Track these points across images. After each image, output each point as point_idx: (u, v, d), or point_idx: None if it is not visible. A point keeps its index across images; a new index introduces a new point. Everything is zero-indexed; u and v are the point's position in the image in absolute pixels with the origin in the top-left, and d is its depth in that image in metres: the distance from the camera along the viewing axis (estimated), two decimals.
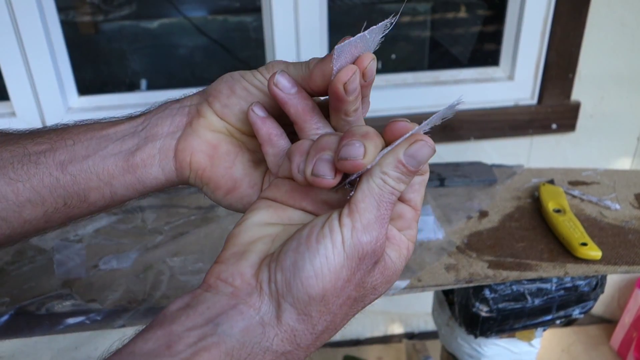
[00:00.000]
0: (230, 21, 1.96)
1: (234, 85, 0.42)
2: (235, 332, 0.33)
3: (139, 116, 0.44)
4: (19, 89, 1.23)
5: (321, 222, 0.34)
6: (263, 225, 0.38)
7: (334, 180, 0.34)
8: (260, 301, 0.34)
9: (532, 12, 1.32)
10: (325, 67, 0.38)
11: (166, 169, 0.43)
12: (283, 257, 0.34)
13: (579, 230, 0.89)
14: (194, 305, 0.34)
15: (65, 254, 0.91)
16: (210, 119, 0.43)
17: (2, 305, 0.81)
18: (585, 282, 0.86)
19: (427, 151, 0.34)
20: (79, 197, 0.43)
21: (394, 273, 0.37)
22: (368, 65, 0.37)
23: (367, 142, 0.33)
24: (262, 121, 0.41)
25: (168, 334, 0.32)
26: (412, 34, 1.88)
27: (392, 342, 1.73)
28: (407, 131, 0.35)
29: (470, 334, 0.92)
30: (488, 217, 0.98)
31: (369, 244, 0.33)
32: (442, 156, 1.43)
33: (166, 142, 0.43)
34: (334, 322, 0.35)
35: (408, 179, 0.35)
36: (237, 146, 0.44)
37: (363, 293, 0.36)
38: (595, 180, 1.08)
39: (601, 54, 1.38)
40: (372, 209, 0.33)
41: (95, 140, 0.43)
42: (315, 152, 0.35)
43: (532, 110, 1.40)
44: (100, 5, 1.84)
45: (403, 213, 0.38)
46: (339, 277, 0.33)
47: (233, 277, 0.35)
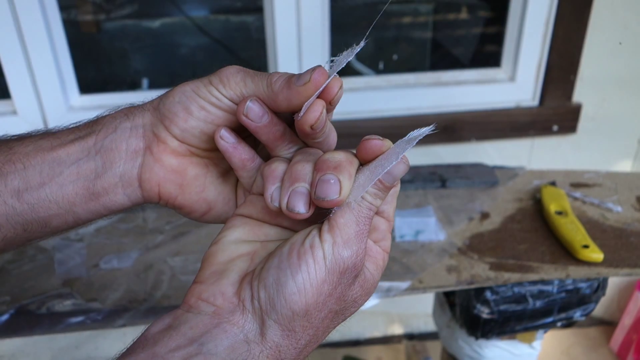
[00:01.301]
0: (232, 21, 1.96)
1: (189, 106, 0.39)
2: (220, 350, 0.33)
3: (89, 135, 0.41)
4: (20, 87, 1.23)
5: (301, 239, 0.34)
6: (240, 243, 0.38)
7: (307, 213, 0.35)
8: (244, 319, 0.34)
9: (534, 14, 1.32)
10: (292, 97, 0.37)
11: (132, 197, 0.42)
12: (265, 274, 0.34)
13: (580, 233, 0.89)
14: (176, 326, 0.34)
15: (66, 253, 0.91)
16: (172, 145, 0.41)
17: (3, 304, 0.81)
18: (587, 285, 0.86)
19: (402, 167, 0.35)
20: (40, 225, 0.41)
21: (372, 285, 0.38)
22: (336, 95, 0.37)
23: (341, 176, 0.34)
24: (233, 148, 0.40)
25: (151, 356, 0.32)
26: (413, 35, 1.88)
27: (391, 342, 1.73)
28: (381, 149, 0.35)
29: (471, 335, 0.92)
30: (489, 218, 0.98)
31: (349, 259, 0.34)
32: (444, 157, 1.43)
33: (126, 169, 0.41)
34: (316, 335, 0.35)
35: (384, 194, 0.35)
36: (204, 166, 0.43)
37: (344, 306, 0.36)
38: (597, 182, 1.08)
39: (603, 56, 1.38)
40: (351, 224, 0.34)
41: (47, 164, 0.40)
42: (290, 182, 0.35)
43: (534, 111, 1.40)
44: (102, 4, 1.84)
45: (378, 225, 0.39)
46: (321, 292, 0.33)
47: (214, 296, 0.35)
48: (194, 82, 0.40)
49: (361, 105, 1.34)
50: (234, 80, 0.39)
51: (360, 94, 1.34)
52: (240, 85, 0.39)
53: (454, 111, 1.38)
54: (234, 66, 0.40)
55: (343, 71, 0.39)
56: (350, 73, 1.55)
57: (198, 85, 0.39)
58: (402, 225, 0.94)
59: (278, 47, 1.27)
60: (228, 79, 0.39)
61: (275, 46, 1.27)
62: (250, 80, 0.38)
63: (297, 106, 0.37)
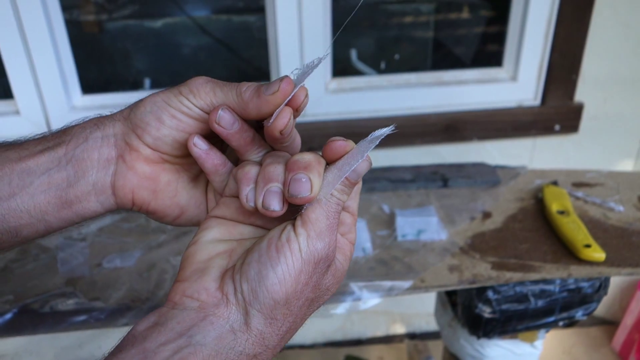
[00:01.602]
0: (233, 21, 1.96)
1: (160, 115, 0.41)
2: (209, 340, 0.35)
3: (58, 146, 0.41)
4: (23, 88, 1.23)
5: (278, 234, 0.37)
6: (217, 242, 0.41)
7: (282, 210, 0.38)
8: (228, 311, 0.36)
9: (536, 13, 1.31)
10: (261, 106, 0.39)
11: (105, 204, 0.43)
12: (246, 268, 0.37)
13: (582, 232, 0.89)
14: (163, 322, 0.36)
15: (69, 252, 0.91)
16: (144, 153, 0.42)
17: (6, 303, 0.81)
18: (589, 284, 0.86)
19: (365, 165, 0.38)
20: (10, 234, 0.41)
21: (342, 273, 0.41)
22: (302, 103, 0.40)
23: (312, 174, 0.37)
24: (205, 154, 0.42)
25: (142, 351, 0.34)
26: (415, 35, 1.88)
27: (393, 342, 1.73)
28: (345, 149, 0.38)
29: (472, 334, 0.92)
30: (491, 218, 0.98)
31: (323, 250, 0.37)
32: (445, 157, 1.43)
33: (99, 177, 0.42)
34: (296, 322, 0.38)
35: (350, 190, 0.39)
36: (176, 172, 0.44)
37: (319, 294, 0.39)
38: (599, 181, 1.08)
39: (605, 56, 1.37)
40: (322, 218, 0.37)
41: (15, 174, 0.40)
42: (264, 183, 0.38)
43: (535, 111, 1.40)
44: (104, 4, 1.84)
45: (344, 220, 0.42)
46: (298, 281, 0.36)
47: (198, 292, 0.37)
48: (164, 92, 0.42)
49: (363, 104, 1.34)
50: (204, 90, 0.41)
51: (361, 93, 1.34)
52: (210, 95, 0.41)
53: (456, 111, 1.38)
54: (202, 77, 0.42)
55: (345, 70, 0.40)
56: (352, 73, 1.55)
57: (168, 95, 0.41)
58: (404, 225, 0.95)
59: (280, 47, 1.27)
60: (198, 90, 0.41)
61: (277, 46, 1.27)
62: (219, 90, 0.41)
63: (266, 114, 0.40)
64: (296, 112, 0.40)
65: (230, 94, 0.40)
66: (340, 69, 1.40)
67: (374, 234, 0.95)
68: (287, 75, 0.40)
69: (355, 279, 0.85)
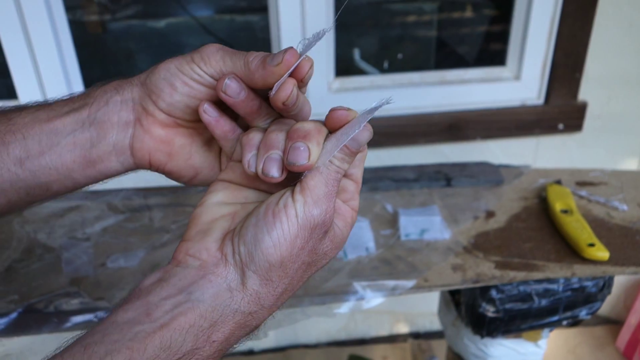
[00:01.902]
0: (236, 21, 1.96)
1: (173, 82, 0.43)
2: (207, 297, 0.37)
3: (82, 108, 0.44)
4: (26, 88, 1.24)
5: (276, 200, 0.39)
6: (222, 205, 0.43)
7: (281, 177, 0.39)
8: (226, 271, 0.38)
9: (539, 12, 1.31)
10: (266, 76, 0.40)
11: (125, 164, 0.46)
12: (244, 231, 0.38)
13: (586, 231, 0.89)
14: (167, 278, 0.39)
15: (73, 252, 0.91)
16: (159, 117, 0.44)
17: (11, 302, 0.81)
18: (593, 283, 0.85)
19: (366, 134, 0.39)
20: (41, 189, 0.44)
21: (341, 239, 0.42)
22: (307, 74, 0.41)
23: (310, 143, 0.38)
24: (215, 121, 0.43)
25: (146, 304, 0.37)
26: (418, 34, 1.88)
27: (397, 341, 1.73)
28: (347, 118, 0.39)
29: (476, 334, 0.92)
30: (495, 217, 0.98)
31: (319, 216, 0.38)
32: (449, 156, 1.43)
33: (119, 139, 0.44)
34: (292, 283, 0.40)
35: (351, 159, 0.39)
36: (189, 135, 0.46)
37: (315, 258, 0.40)
38: (602, 180, 1.08)
39: (608, 54, 1.37)
40: (321, 185, 0.38)
41: (45, 134, 0.43)
42: (265, 150, 0.39)
43: (539, 110, 1.40)
44: (108, 5, 1.85)
45: (346, 187, 0.43)
46: (294, 246, 0.38)
47: (200, 252, 0.39)
48: (177, 59, 0.43)
49: (366, 104, 1.33)
50: (214, 58, 0.42)
51: (365, 93, 1.34)
52: (219, 63, 0.42)
53: (459, 110, 1.38)
54: (214, 44, 0.43)
55: (348, 70, 0.41)
56: (355, 72, 1.55)
57: (181, 62, 0.43)
58: (407, 224, 0.95)
59: (283, 46, 1.27)
60: (209, 57, 0.42)
61: (280, 46, 1.27)
62: (229, 58, 0.42)
63: (271, 84, 0.40)
64: (301, 82, 0.41)
65: (239, 62, 0.41)
66: (343, 69, 1.40)
67: (378, 233, 0.95)
68: (292, 47, 0.40)
69: (358, 278, 0.85)
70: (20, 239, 0.95)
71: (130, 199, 1.05)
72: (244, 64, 0.41)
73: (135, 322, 0.36)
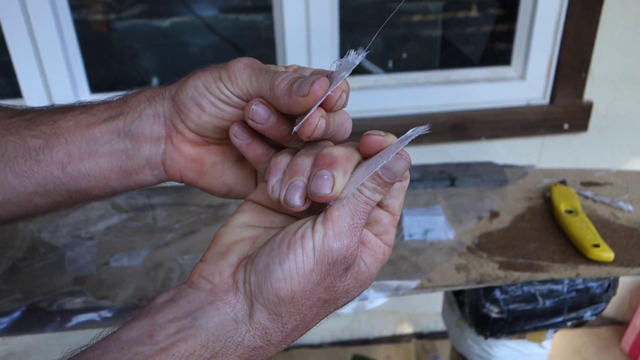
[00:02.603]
0: (241, 20, 1.96)
1: (200, 102, 0.41)
2: (211, 326, 0.35)
3: (118, 117, 0.44)
4: (31, 87, 1.24)
5: (295, 228, 0.36)
6: (246, 227, 0.40)
7: (304, 207, 0.36)
8: (236, 299, 0.36)
9: (545, 11, 1.31)
10: (292, 106, 0.37)
11: (159, 177, 0.45)
12: (257, 260, 0.36)
13: (591, 232, 0.88)
14: (177, 299, 0.37)
15: (76, 251, 0.92)
16: (189, 136, 0.43)
17: (14, 301, 0.81)
18: (598, 284, 0.85)
19: (402, 164, 0.36)
20: (82, 194, 0.45)
21: (367, 277, 0.38)
22: (336, 104, 0.37)
23: (336, 171, 0.35)
24: (246, 146, 0.41)
25: (151, 324, 0.35)
26: (423, 33, 1.88)
27: (401, 341, 1.73)
28: (382, 145, 0.36)
29: (480, 334, 0.92)
30: (499, 217, 0.97)
31: (339, 251, 0.35)
32: (453, 156, 1.42)
33: (152, 153, 0.44)
34: (304, 321, 0.37)
35: (384, 190, 0.36)
36: (221, 153, 0.45)
37: (334, 296, 0.37)
38: (608, 181, 1.07)
39: (614, 54, 1.36)
40: (346, 217, 0.35)
41: (85, 141, 0.43)
42: (289, 176, 0.36)
43: (544, 110, 1.39)
44: (113, 4, 1.85)
45: (380, 218, 0.39)
46: (308, 281, 0.35)
47: (213, 275, 0.37)
48: (205, 74, 0.41)
49: (371, 103, 1.34)
50: (241, 77, 0.39)
51: (369, 92, 1.34)
52: (246, 84, 0.39)
53: (464, 109, 1.38)
54: (243, 60, 0.41)
55: (355, 70, 0.39)
56: (360, 72, 1.55)
57: (209, 80, 0.41)
58: (411, 224, 0.94)
59: (287, 46, 1.27)
60: (235, 76, 0.40)
61: (284, 45, 1.27)
62: (255, 79, 0.39)
63: (297, 113, 0.38)
64: (331, 111, 0.38)
65: (265, 84, 0.38)
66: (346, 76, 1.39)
67: None
68: (322, 76, 0.37)
69: None
70: (24, 237, 0.95)
71: (134, 198, 1.05)
72: (270, 88, 0.38)
73: (136, 342, 0.34)
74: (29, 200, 0.44)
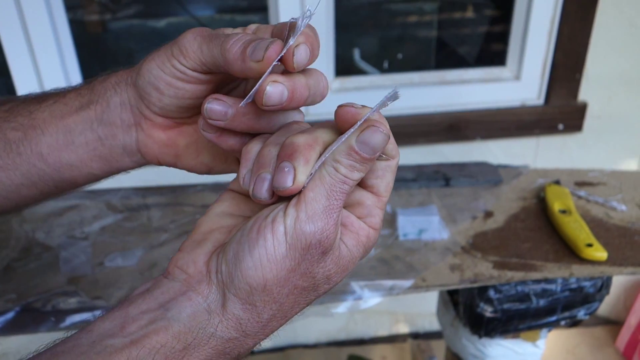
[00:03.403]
0: (237, 20, 1.96)
1: (158, 85, 0.40)
2: (183, 316, 0.34)
3: (89, 106, 0.43)
4: (26, 87, 1.24)
5: (267, 213, 0.34)
6: (225, 216, 0.39)
7: (271, 200, 0.35)
8: (209, 289, 0.35)
9: (539, 12, 1.31)
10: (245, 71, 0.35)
11: (138, 162, 0.45)
12: (228, 248, 0.34)
13: (584, 231, 0.88)
14: (152, 290, 0.36)
15: (71, 251, 0.91)
16: (157, 121, 0.42)
17: (8, 301, 0.81)
18: (591, 283, 0.85)
19: (379, 137, 0.33)
20: (67, 183, 0.45)
21: (350, 261, 0.36)
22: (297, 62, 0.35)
23: (297, 162, 0.33)
24: (217, 139, 0.40)
25: (124, 316, 0.34)
26: (418, 34, 1.88)
27: (397, 341, 1.73)
28: (358, 116, 0.34)
29: (474, 334, 0.92)
30: (493, 217, 0.98)
31: (313, 235, 0.33)
32: (449, 156, 1.42)
33: (127, 141, 0.44)
34: (282, 310, 0.35)
35: (363, 167, 0.34)
36: (193, 134, 0.44)
37: (314, 283, 0.35)
38: (601, 181, 1.08)
39: (609, 55, 1.37)
40: (320, 198, 0.33)
41: (61, 133, 0.43)
42: (257, 169, 0.35)
43: (539, 110, 1.40)
44: (108, 4, 1.85)
45: (363, 200, 0.37)
46: (281, 268, 0.33)
47: (187, 264, 0.36)
48: (158, 55, 0.40)
49: (366, 104, 1.34)
50: (192, 49, 0.38)
51: (364, 93, 1.34)
52: (197, 54, 0.38)
53: (459, 110, 1.38)
54: (192, 30, 0.39)
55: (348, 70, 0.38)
56: (355, 72, 1.55)
57: (162, 60, 0.39)
58: (405, 224, 0.94)
59: None
60: (187, 48, 0.38)
61: None
62: (206, 47, 0.37)
63: (254, 79, 0.35)
64: (293, 70, 0.36)
65: (216, 50, 0.36)
66: (343, 68, 1.40)
67: None
68: (278, 40, 0.35)
69: (356, 278, 0.85)
70: (19, 238, 0.95)
71: (129, 198, 1.05)
72: (221, 53, 0.36)
73: (108, 334, 0.33)
74: (17, 193, 0.45)
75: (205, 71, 0.38)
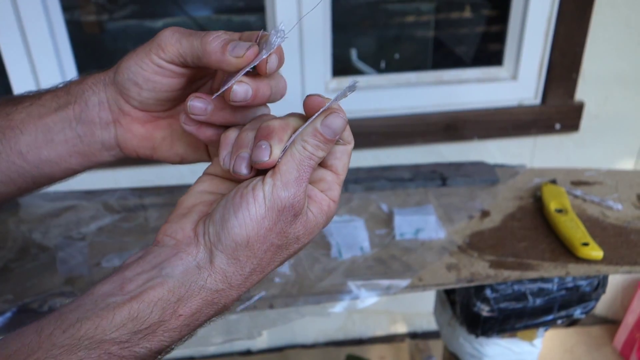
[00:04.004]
0: (234, 20, 1.96)
1: (137, 80, 0.44)
2: (176, 273, 0.39)
3: (67, 106, 0.46)
4: (23, 88, 1.24)
5: (247, 183, 0.40)
6: (205, 193, 0.45)
7: (250, 174, 0.41)
8: (197, 249, 0.40)
9: (536, 12, 1.31)
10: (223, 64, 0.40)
11: (117, 156, 0.50)
12: (214, 213, 0.40)
13: (580, 230, 0.89)
14: (144, 256, 0.41)
15: (68, 252, 0.91)
16: (136, 115, 0.47)
17: (5, 302, 0.81)
18: (587, 282, 0.86)
19: (340, 121, 0.40)
20: (45, 178, 0.48)
21: (315, 226, 0.43)
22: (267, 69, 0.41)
23: (272, 141, 0.39)
24: (197, 131, 0.45)
25: (122, 278, 0.39)
26: (415, 34, 1.88)
27: (395, 341, 1.73)
28: (322, 105, 0.40)
29: (471, 333, 0.92)
30: (490, 216, 0.98)
31: (287, 199, 0.39)
32: (446, 156, 1.43)
33: (105, 137, 0.48)
34: (261, 265, 0.41)
35: (326, 147, 0.40)
36: (168, 127, 0.49)
37: (286, 242, 0.41)
38: (597, 180, 1.08)
39: (605, 54, 1.37)
40: (292, 170, 0.39)
41: (40, 132, 0.46)
42: (236, 149, 0.41)
43: (536, 110, 1.40)
44: (105, 5, 1.85)
45: (324, 176, 0.44)
46: (261, 226, 0.39)
47: (176, 232, 0.42)
48: (137, 53, 0.44)
49: (363, 104, 1.34)
50: (170, 42, 0.42)
51: (361, 93, 1.35)
52: (176, 46, 0.42)
53: (456, 110, 1.38)
54: (170, 28, 0.43)
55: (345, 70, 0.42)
56: (352, 72, 1.55)
57: (141, 56, 0.43)
58: (402, 223, 0.95)
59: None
60: (165, 43, 0.43)
61: None
62: (185, 40, 0.42)
63: (226, 71, 0.41)
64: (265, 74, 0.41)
65: (195, 42, 0.41)
66: (341, 69, 1.40)
67: (372, 233, 0.95)
68: (255, 44, 0.40)
69: (353, 277, 0.85)
70: (16, 238, 0.95)
71: (126, 198, 1.05)
72: (202, 43, 0.41)
73: (109, 294, 0.38)
74: None
75: (182, 64, 0.43)
